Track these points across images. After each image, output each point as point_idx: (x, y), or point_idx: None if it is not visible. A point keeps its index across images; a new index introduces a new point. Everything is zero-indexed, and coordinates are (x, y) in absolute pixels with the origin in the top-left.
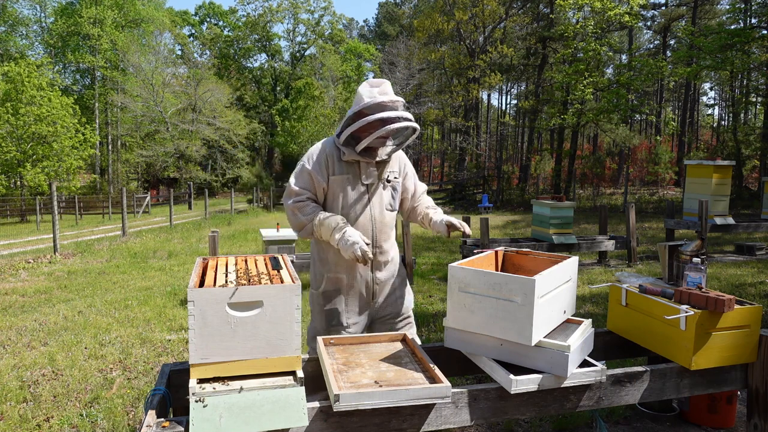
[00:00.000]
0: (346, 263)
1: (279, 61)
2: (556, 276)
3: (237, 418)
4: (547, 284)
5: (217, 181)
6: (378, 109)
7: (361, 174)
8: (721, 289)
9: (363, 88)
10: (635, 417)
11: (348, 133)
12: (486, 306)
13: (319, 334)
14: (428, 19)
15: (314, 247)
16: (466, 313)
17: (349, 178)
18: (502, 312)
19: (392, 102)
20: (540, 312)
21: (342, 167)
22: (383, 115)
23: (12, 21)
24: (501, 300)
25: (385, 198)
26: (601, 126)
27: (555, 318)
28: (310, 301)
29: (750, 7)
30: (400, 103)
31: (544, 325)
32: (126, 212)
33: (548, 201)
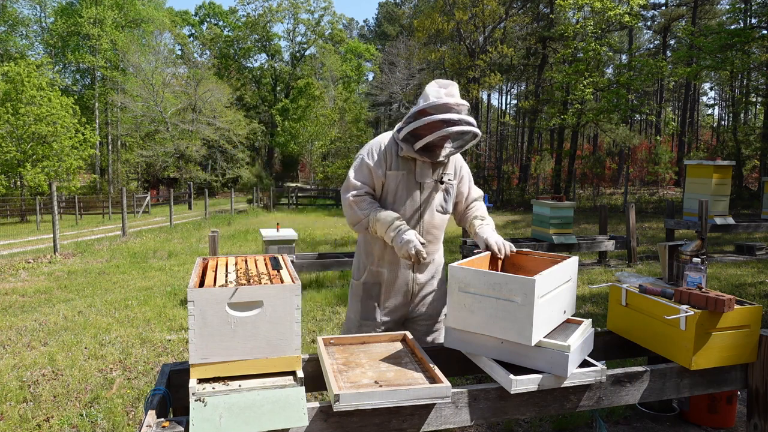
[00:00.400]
0: (390, 259)
1: (279, 61)
2: (556, 276)
3: (237, 418)
4: (547, 284)
5: (217, 181)
6: (443, 109)
7: (416, 172)
8: (721, 289)
9: (431, 87)
10: (635, 417)
11: (409, 130)
12: (486, 306)
13: (352, 325)
14: (428, 19)
15: (361, 238)
16: (466, 313)
17: (404, 174)
18: (502, 312)
19: (457, 105)
20: (540, 312)
21: (398, 163)
22: (447, 116)
23: (12, 21)
24: (501, 300)
25: (437, 199)
26: (601, 126)
27: (555, 318)
28: (350, 290)
29: (750, 7)
30: (465, 107)
31: (544, 325)
32: (126, 212)
33: (548, 201)
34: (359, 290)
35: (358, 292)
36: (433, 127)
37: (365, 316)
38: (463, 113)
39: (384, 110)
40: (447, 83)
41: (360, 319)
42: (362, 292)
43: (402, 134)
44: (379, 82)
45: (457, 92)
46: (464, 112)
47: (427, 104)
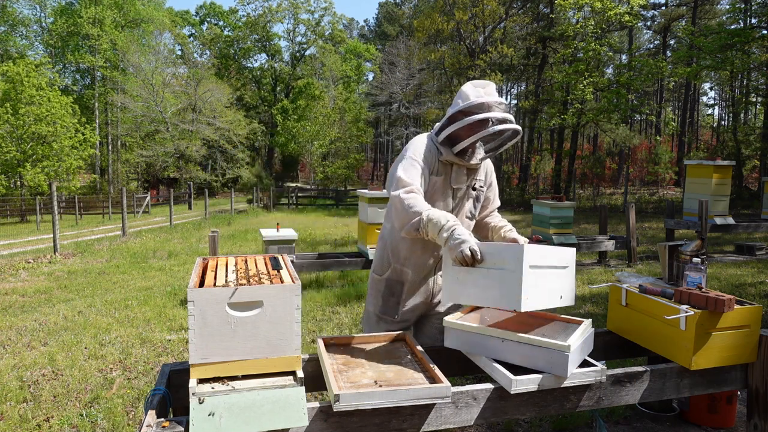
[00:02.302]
0: (416, 261)
1: (279, 61)
2: (549, 253)
3: (237, 418)
4: (539, 257)
5: (217, 181)
6: (483, 108)
7: (451, 177)
8: (721, 289)
9: (467, 87)
10: (635, 417)
11: (449, 133)
12: (478, 277)
13: (371, 318)
14: (428, 19)
15: (388, 235)
16: (459, 287)
17: (441, 179)
18: (492, 281)
19: (497, 103)
20: (530, 280)
21: (439, 168)
22: (488, 115)
23: (12, 21)
24: (492, 270)
25: (467, 205)
26: (601, 126)
27: (548, 297)
28: (369, 283)
29: (750, 7)
30: (504, 105)
31: (535, 295)
32: (126, 212)
33: (548, 201)
34: (381, 285)
35: (380, 287)
36: (475, 128)
37: (384, 311)
38: (505, 112)
39: (384, 110)
40: (484, 83)
41: (379, 314)
42: (384, 288)
43: (441, 137)
44: (379, 82)
45: (494, 92)
46: (503, 110)
47: (467, 104)
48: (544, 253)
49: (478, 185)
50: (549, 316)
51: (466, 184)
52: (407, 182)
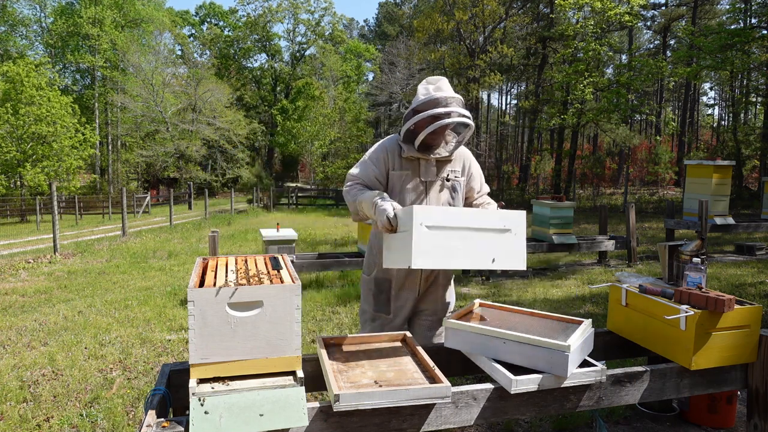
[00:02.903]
0: None
1: (279, 61)
2: (458, 215)
3: (237, 418)
4: (438, 217)
5: (217, 181)
6: (430, 105)
7: (420, 172)
8: (721, 289)
9: (420, 85)
10: (635, 417)
11: (404, 130)
12: (395, 241)
13: (367, 317)
14: (428, 19)
15: (374, 237)
16: (386, 252)
17: (408, 174)
18: (400, 242)
19: (446, 98)
20: (424, 238)
21: (402, 164)
22: (434, 111)
23: (12, 21)
24: (401, 233)
25: (443, 197)
26: (601, 126)
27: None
28: (361, 284)
29: (750, 7)
30: (455, 99)
31: (432, 254)
32: (126, 212)
33: (548, 201)
34: (371, 285)
35: (370, 287)
36: (425, 124)
37: (377, 309)
38: (453, 105)
39: (384, 110)
40: (436, 79)
41: (373, 312)
42: (374, 287)
43: (401, 136)
44: (379, 82)
45: (446, 86)
46: (455, 104)
47: (417, 102)
48: (450, 214)
49: (453, 176)
50: (549, 316)
51: (438, 176)
52: (352, 177)
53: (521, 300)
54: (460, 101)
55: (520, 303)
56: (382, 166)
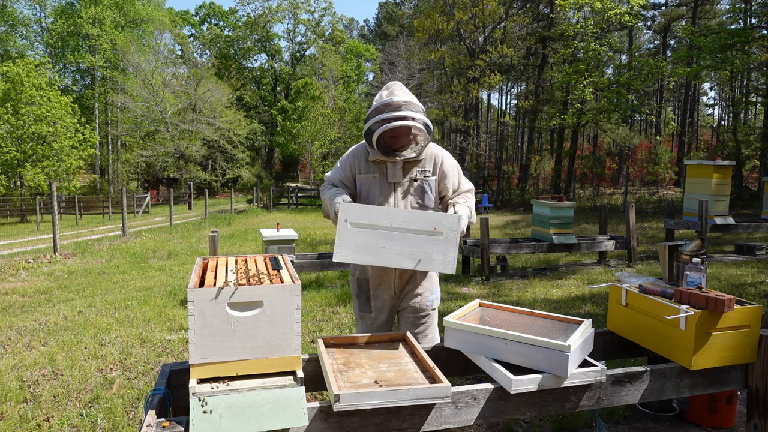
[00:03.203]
0: None
1: (279, 61)
2: (386, 214)
3: (237, 418)
4: (366, 216)
5: (217, 181)
6: (380, 110)
7: (387, 173)
8: (721, 289)
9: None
10: (635, 417)
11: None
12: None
13: (357, 317)
14: (428, 19)
15: None
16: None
17: (376, 177)
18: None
19: (396, 102)
20: (348, 234)
21: (369, 167)
22: (383, 116)
23: (12, 21)
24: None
25: (412, 197)
26: (601, 126)
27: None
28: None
29: (750, 7)
30: (407, 103)
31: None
32: (126, 212)
33: (548, 201)
34: (355, 285)
35: (354, 288)
36: (376, 128)
37: (361, 308)
38: (403, 109)
39: None
40: (390, 84)
41: (359, 311)
42: (357, 287)
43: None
44: (379, 82)
45: (399, 90)
46: (405, 108)
47: (371, 108)
48: (377, 213)
49: (422, 176)
50: (549, 316)
51: (405, 177)
52: (326, 179)
53: (521, 300)
54: (414, 105)
55: (520, 303)
56: (348, 171)
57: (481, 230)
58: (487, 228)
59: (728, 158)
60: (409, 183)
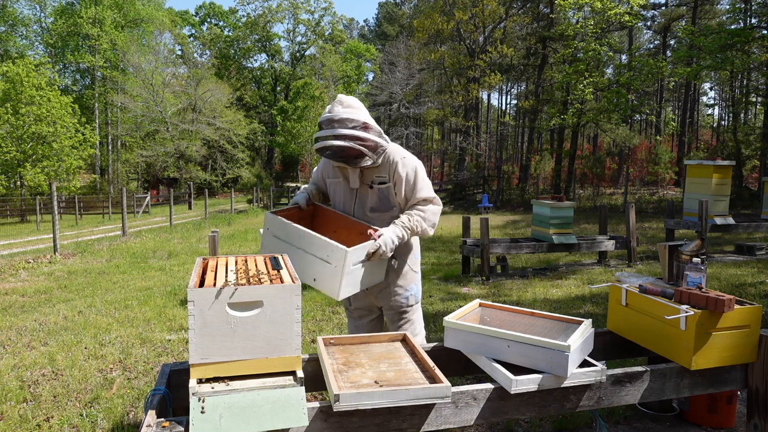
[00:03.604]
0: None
1: (279, 61)
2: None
3: (237, 418)
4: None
5: (217, 181)
6: (319, 126)
7: (349, 179)
8: (721, 289)
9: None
10: (635, 417)
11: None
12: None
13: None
14: (428, 19)
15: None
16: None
17: (340, 181)
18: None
19: (329, 119)
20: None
21: (336, 172)
22: (317, 134)
23: (12, 21)
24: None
25: (370, 200)
26: (601, 126)
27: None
28: None
29: (750, 7)
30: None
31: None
32: (126, 212)
33: (548, 201)
34: None
35: None
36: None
37: (348, 308)
38: (334, 127)
39: (384, 110)
40: (337, 99)
41: (346, 311)
42: None
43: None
44: (379, 82)
45: (337, 108)
46: (327, 127)
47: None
48: (290, 231)
49: (378, 182)
50: (549, 316)
51: (363, 183)
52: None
53: (521, 300)
54: (349, 121)
55: (520, 303)
56: (320, 175)
57: (481, 230)
58: (487, 228)
59: (728, 158)
60: (368, 188)
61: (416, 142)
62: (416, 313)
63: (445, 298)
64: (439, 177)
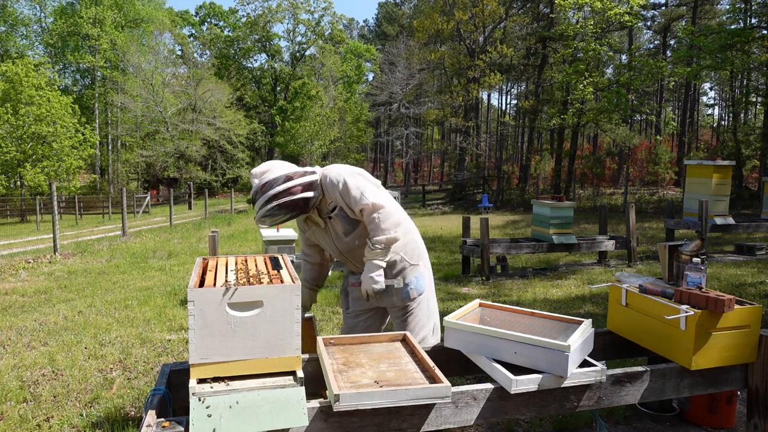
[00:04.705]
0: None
1: (279, 61)
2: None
3: (237, 418)
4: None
5: (217, 181)
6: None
7: (317, 221)
8: (721, 289)
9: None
10: (635, 417)
11: None
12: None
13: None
14: (428, 19)
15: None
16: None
17: (313, 228)
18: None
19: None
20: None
21: (305, 224)
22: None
23: (12, 21)
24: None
25: (338, 227)
26: (601, 126)
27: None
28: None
29: (750, 7)
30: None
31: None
32: (126, 212)
33: (548, 201)
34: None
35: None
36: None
37: (342, 305)
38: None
39: (384, 110)
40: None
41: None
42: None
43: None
44: (379, 82)
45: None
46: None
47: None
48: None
49: (331, 209)
50: (549, 316)
51: (324, 217)
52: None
53: (521, 300)
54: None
55: (520, 303)
56: (303, 234)
57: (481, 230)
58: (487, 228)
59: (728, 158)
60: (329, 220)
61: (416, 142)
62: (420, 306)
63: (445, 298)
64: (439, 177)
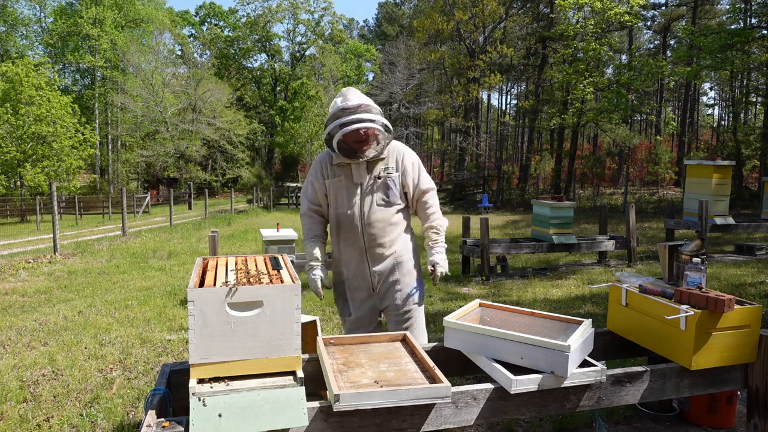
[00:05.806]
0: (345, 258)
1: (279, 62)
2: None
3: (237, 418)
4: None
5: (217, 181)
6: (337, 115)
7: (353, 175)
8: (721, 289)
9: (333, 100)
10: (635, 417)
11: (325, 140)
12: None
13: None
14: (428, 19)
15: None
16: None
17: (342, 179)
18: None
19: (352, 106)
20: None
21: (335, 171)
22: (341, 120)
23: (12, 21)
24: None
25: (378, 194)
26: (601, 126)
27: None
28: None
29: (750, 7)
30: (363, 106)
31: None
32: (126, 212)
33: (548, 201)
34: (334, 292)
35: (334, 295)
36: (334, 133)
37: (342, 312)
38: (358, 112)
39: (384, 110)
40: (344, 91)
41: (341, 316)
42: (336, 294)
43: (327, 146)
44: (379, 82)
45: (353, 95)
46: (359, 112)
47: (328, 115)
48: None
49: (386, 173)
50: (549, 316)
51: (370, 175)
52: (303, 202)
53: (521, 300)
54: (367, 107)
55: (520, 303)
56: (321, 178)
57: (481, 230)
58: (487, 228)
59: (728, 158)
60: (374, 181)
61: (416, 142)
62: (421, 315)
63: (445, 298)
64: (439, 177)
